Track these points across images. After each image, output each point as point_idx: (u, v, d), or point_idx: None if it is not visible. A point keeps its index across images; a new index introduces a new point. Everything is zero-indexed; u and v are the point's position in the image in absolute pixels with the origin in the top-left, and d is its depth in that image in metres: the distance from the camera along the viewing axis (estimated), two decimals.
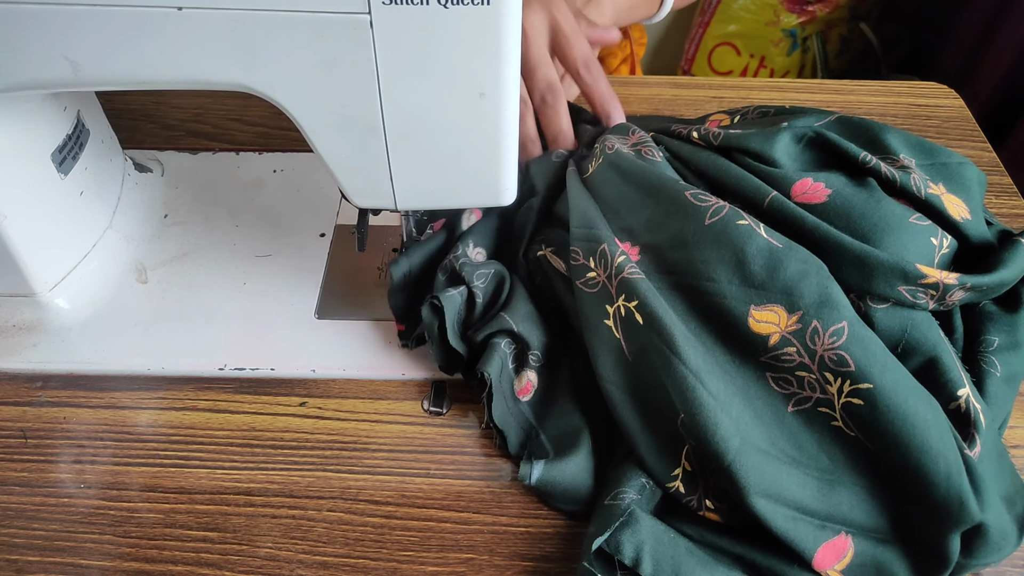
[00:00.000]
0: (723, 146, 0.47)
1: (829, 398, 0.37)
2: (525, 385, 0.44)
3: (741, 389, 0.39)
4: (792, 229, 0.42)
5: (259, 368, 0.48)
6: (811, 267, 0.39)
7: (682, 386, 0.37)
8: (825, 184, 0.43)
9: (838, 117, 0.48)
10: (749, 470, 0.36)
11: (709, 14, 1.39)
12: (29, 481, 0.43)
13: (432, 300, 0.45)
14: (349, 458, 0.44)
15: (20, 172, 0.45)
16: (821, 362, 0.37)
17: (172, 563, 0.40)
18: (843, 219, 0.42)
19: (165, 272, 0.53)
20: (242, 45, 0.36)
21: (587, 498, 0.41)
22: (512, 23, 0.35)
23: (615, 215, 0.46)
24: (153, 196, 0.57)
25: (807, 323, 0.38)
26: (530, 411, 0.44)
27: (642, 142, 0.50)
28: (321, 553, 0.41)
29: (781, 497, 0.36)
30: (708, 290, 0.40)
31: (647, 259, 0.44)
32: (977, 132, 0.64)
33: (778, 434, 0.38)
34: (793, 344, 0.38)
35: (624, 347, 0.41)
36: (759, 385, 0.39)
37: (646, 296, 0.40)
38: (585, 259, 0.43)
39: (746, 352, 0.40)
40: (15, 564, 0.40)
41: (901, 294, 0.40)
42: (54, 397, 0.47)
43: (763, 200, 0.43)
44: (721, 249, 0.40)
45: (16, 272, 0.47)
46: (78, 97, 0.49)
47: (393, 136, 0.40)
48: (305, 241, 0.55)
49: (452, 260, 0.47)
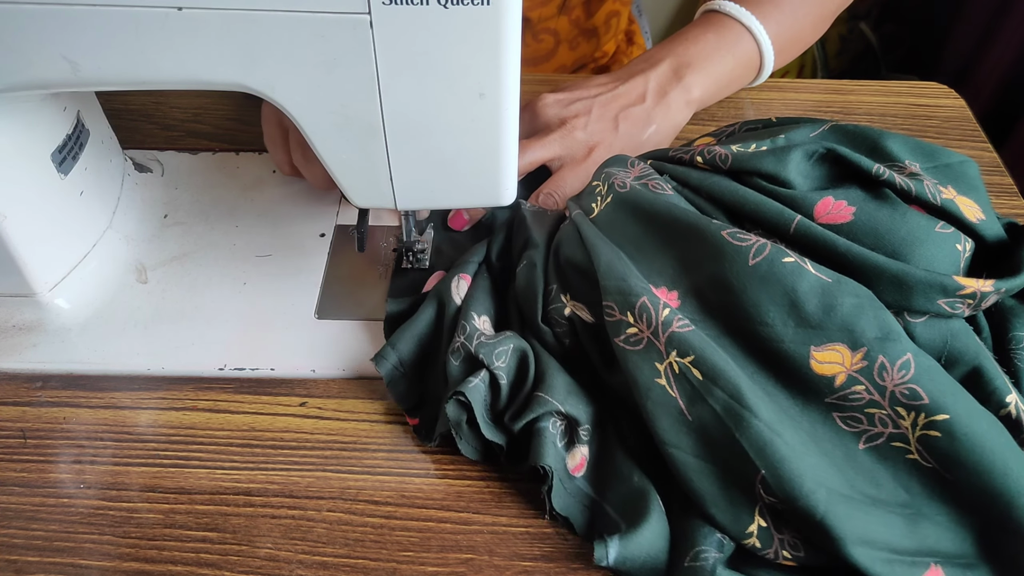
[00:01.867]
0: (734, 169, 0.45)
1: (903, 432, 0.37)
2: (579, 461, 0.41)
3: (809, 433, 0.38)
4: (823, 253, 0.40)
5: (259, 368, 0.48)
6: (864, 300, 0.38)
7: (759, 442, 0.36)
8: (847, 202, 0.42)
9: (832, 126, 0.47)
10: (842, 520, 0.34)
11: None
12: (29, 481, 0.43)
13: (457, 397, 0.41)
14: (349, 458, 0.44)
15: (20, 172, 0.45)
16: (892, 397, 0.37)
17: (172, 563, 0.40)
18: (871, 236, 0.41)
19: (165, 272, 0.53)
20: (242, 45, 0.36)
21: (667, 564, 0.38)
22: (512, 23, 0.35)
23: (640, 259, 0.43)
24: (153, 196, 0.57)
25: (873, 359, 0.37)
26: (588, 485, 0.41)
27: (646, 174, 0.47)
28: (321, 553, 0.40)
29: (874, 541, 0.35)
30: (763, 335, 0.39)
31: (689, 305, 0.41)
32: (977, 132, 0.64)
33: (853, 474, 0.37)
34: (861, 382, 0.37)
35: (683, 407, 0.38)
36: (826, 426, 0.38)
37: (702, 349, 0.38)
38: (622, 314, 0.40)
39: (809, 394, 0.38)
40: (15, 564, 0.40)
41: (940, 307, 0.39)
42: (54, 397, 0.47)
43: (789, 226, 0.41)
44: (771, 291, 0.38)
45: (16, 272, 0.47)
46: (78, 97, 0.49)
47: (393, 136, 0.40)
48: (305, 241, 0.55)
49: (464, 342, 0.43)
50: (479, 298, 0.46)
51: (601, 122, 0.55)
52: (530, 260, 0.46)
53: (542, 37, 0.81)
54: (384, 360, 0.45)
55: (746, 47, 0.58)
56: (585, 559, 0.40)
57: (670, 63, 0.57)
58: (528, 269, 0.46)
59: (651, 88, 0.57)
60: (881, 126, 0.64)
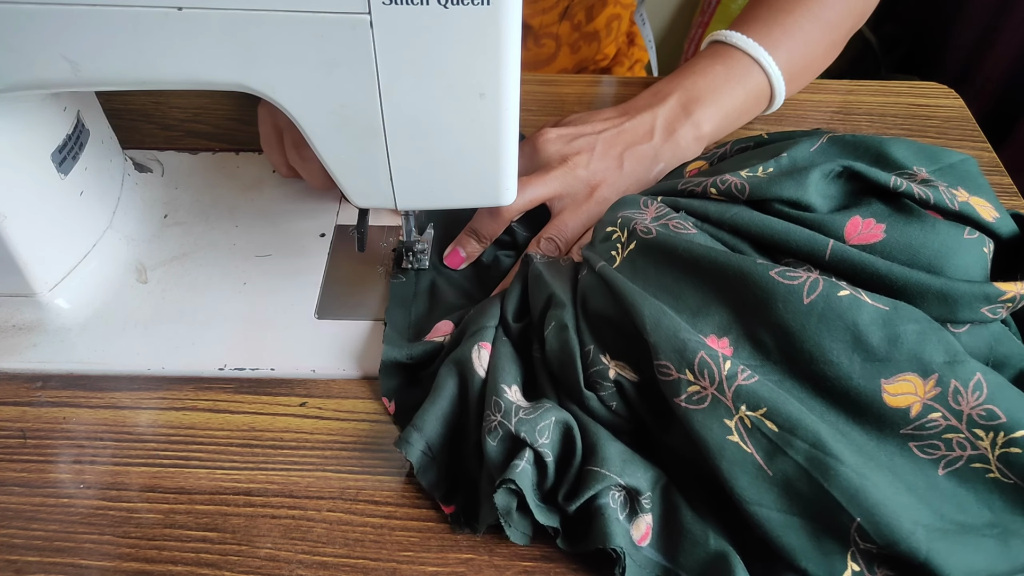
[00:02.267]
0: (754, 199, 0.44)
1: (982, 453, 0.36)
2: (644, 531, 0.38)
3: (888, 467, 0.37)
4: (863, 276, 0.40)
5: (259, 368, 0.48)
6: (925, 324, 0.37)
7: (850, 489, 0.34)
8: (876, 219, 0.41)
9: (830, 139, 0.46)
10: (945, 557, 0.34)
11: (709, 14, 1.39)
12: (29, 481, 0.43)
13: (507, 486, 0.38)
14: (349, 458, 0.44)
15: (20, 172, 0.45)
16: (970, 420, 0.36)
17: (172, 563, 0.40)
18: (905, 252, 0.40)
19: (165, 272, 0.53)
20: (242, 45, 0.36)
21: None
22: (512, 23, 0.35)
23: (681, 308, 0.41)
24: (153, 196, 0.57)
25: (946, 384, 0.36)
26: (657, 554, 0.38)
27: (663, 214, 0.45)
28: (321, 553, 0.40)
29: (977, 572, 0.34)
30: (830, 374, 0.37)
31: (743, 352, 0.39)
32: (977, 132, 0.64)
33: (939, 502, 0.36)
34: (937, 409, 0.36)
35: (761, 462, 0.36)
36: (904, 457, 0.37)
37: (774, 400, 0.36)
38: (680, 372, 0.38)
39: (884, 427, 0.37)
40: (15, 564, 0.40)
41: (983, 315, 0.39)
42: (54, 397, 0.47)
43: (823, 251, 0.40)
44: (831, 328, 0.37)
45: (16, 272, 0.47)
46: (78, 97, 0.49)
47: (393, 136, 0.40)
48: (305, 241, 0.55)
49: (502, 420, 0.39)
50: (504, 367, 0.43)
51: (605, 160, 0.53)
52: (559, 321, 0.43)
53: (543, 42, 0.82)
54: (410, 445, 0.41)
55: (756, 79, 0.56)
56: (585, 561, 0.40)
57: (678, 98, 0.55)
58: (560, 332, 0.42)
59: (659, 124, 0.54)
60: (881, 126, 0.65)
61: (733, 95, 0.56)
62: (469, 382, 0.43)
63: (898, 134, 0.64)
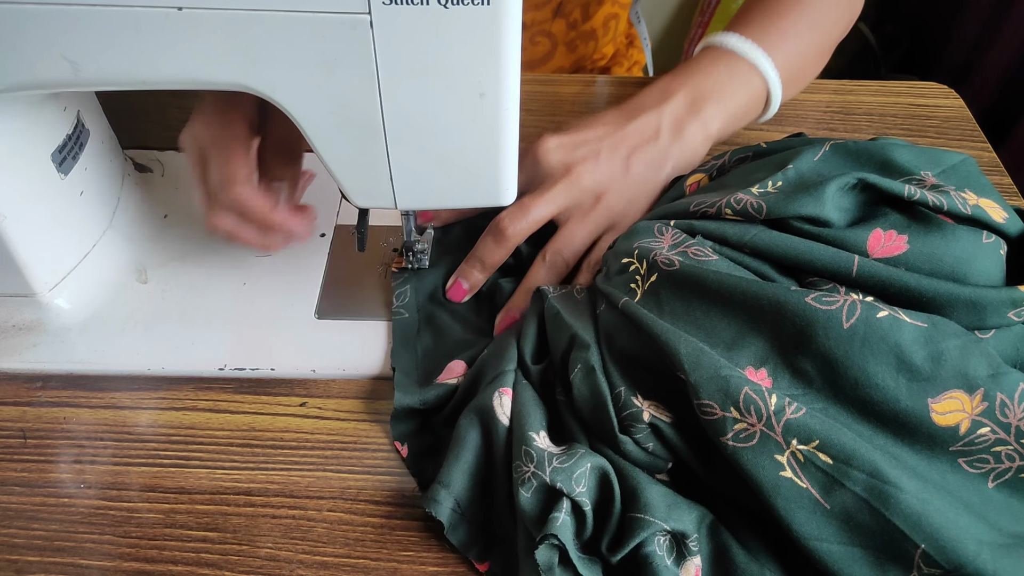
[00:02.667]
0: (772, 218, 0.43)
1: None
2: (694, 574, 0.37)
3: (940, 486, 0.36)
4: (891, 290, 0.39)
5: (259, 368, 0.48)
6: (965, 339, 0.37)
7: (913, 516, 0.34)
8: (896, 231, 0.41)
9: (832, 146, 0.46)
10: (1012, 574, 0.33)
11: (709, 14, 1.39)
12: (29, 481, 0.43)
13: (549, 541, 0.36)
14: (349, 458, 0.44)
15: (20, 172, 0.45)
16: (1018, 432, 0.36)
17: (172, 563, 0.40)
18: (929, 262, 0.40)
19: (165, 272, 0.53)
20: (242, 45, 0.36)
21: None
22: (512, 23, 0.35)
23: (715, 343, 0.40)
24: (153, 196, 0.57)
25: (992, 399, 0.36)
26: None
27: (680, 241, 0.44)
28: (321, 553, 0.40)
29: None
30: (876, 398, 0.37)
31: (783, 382, 0.39)
32: (977, 132, 0.64)
33: (994, 516, 0.36)
34: (985, 424, 0.36)
35: (817, 496, 0.36)
36: (956, 474, 0.37)
37: (826, 432, 0.36)
38: (725, 410, 0.37)
39: (935, 447, 0.37)
40: (15, 564, 0.40)
41: (1011, 319, 0.39)
42: (54, 397, 0.47)
43: (849, 269, 0.40)
44: (874, 351, 0.37)
45: (16, 272, 0.47)
46: (78, 97, 0.49)
47: (393, 136, 0.40)
48: (305, 241, 0.55)
49: (536, 471, 0.38)
50: (530, 413, 0.41)
51: (610, 165, 0.50)
52: (586, 364, 0.41)
53: (537, 40, 0.81)
54: (439, 504, 0.40)
55: (756, 82, 0.55)
56: None
57: (685, 95, 0.53)
58: (587, 375, 0.41)
59: (666, 123, 0.52)
60: (881, 126, 0.65)
61: (736, 96, 0.54)
62: (493, 432, 0.41)
63: (898, 134, 0.64)
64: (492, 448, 0.41)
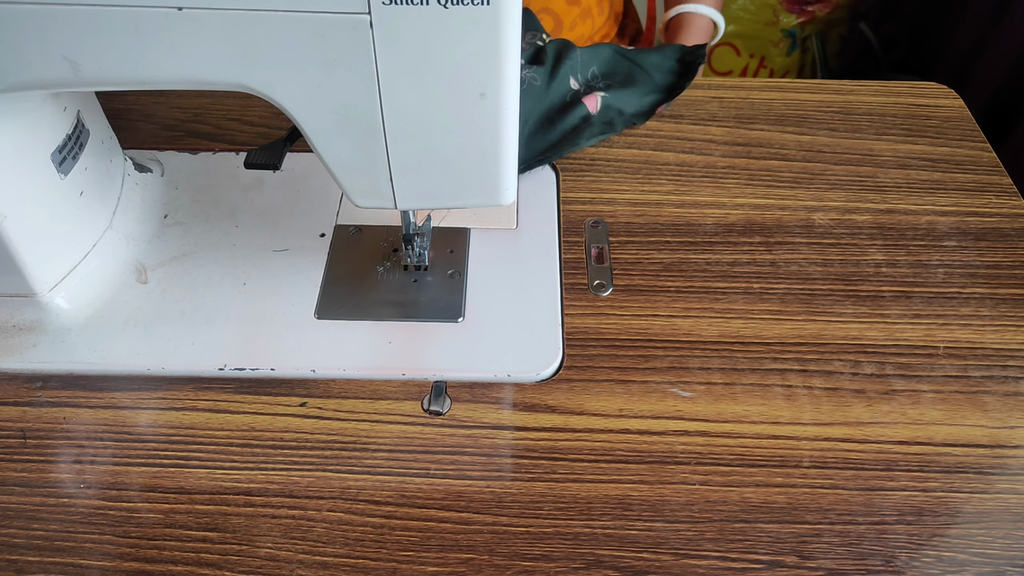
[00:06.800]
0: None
1: None
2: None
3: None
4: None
5: (259, 368, 0.48)
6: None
7: None
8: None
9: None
10: None
11: None
12: (29, 481, 0.43)
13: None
14: (349, 458, 0.44)
15: (20, 172, 0.45)
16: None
17: (172, 563, 0.40)
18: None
19: (165, 272, 0.53)
20: (242, 45, 0.36)
21: None
22: (512, 23, 0.35)
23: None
24: (153, 196, 0.57)
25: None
26: None
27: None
28: (321, 553, 0.41)
29: None
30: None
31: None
32: (977, 132, 0.64)
33: None
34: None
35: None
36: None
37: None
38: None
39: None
40: (15, 564, 0.40)
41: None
42: (54, 397, 0.47)
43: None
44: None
45: (16, 272, 0.47)
46: (78, 97, 0.49)
47: (393, 136, 0.40)
48: (305, 241, 0.55)
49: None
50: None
51: None
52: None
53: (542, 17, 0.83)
54: None
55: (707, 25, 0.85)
56: (585, 559, 0.40)
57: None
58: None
59: None
60: (881, 126, 0.65)
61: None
62: None
63: (898, 134, 0.64)
64: None
